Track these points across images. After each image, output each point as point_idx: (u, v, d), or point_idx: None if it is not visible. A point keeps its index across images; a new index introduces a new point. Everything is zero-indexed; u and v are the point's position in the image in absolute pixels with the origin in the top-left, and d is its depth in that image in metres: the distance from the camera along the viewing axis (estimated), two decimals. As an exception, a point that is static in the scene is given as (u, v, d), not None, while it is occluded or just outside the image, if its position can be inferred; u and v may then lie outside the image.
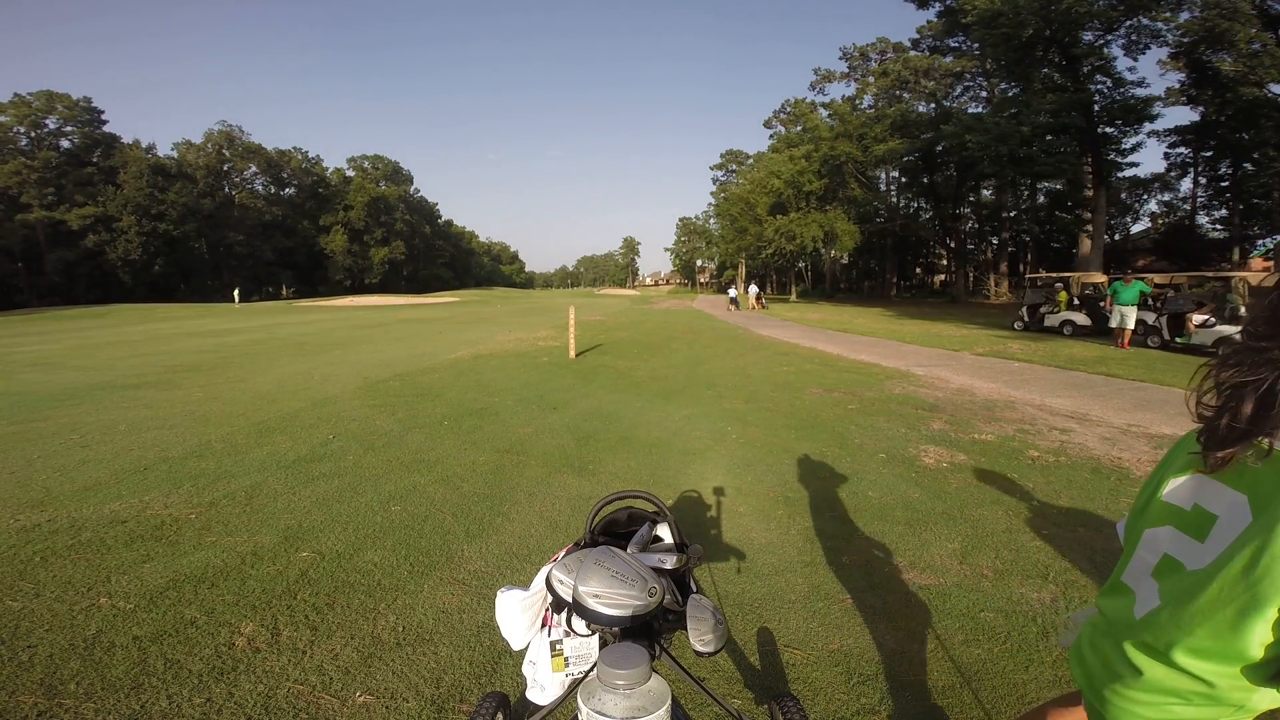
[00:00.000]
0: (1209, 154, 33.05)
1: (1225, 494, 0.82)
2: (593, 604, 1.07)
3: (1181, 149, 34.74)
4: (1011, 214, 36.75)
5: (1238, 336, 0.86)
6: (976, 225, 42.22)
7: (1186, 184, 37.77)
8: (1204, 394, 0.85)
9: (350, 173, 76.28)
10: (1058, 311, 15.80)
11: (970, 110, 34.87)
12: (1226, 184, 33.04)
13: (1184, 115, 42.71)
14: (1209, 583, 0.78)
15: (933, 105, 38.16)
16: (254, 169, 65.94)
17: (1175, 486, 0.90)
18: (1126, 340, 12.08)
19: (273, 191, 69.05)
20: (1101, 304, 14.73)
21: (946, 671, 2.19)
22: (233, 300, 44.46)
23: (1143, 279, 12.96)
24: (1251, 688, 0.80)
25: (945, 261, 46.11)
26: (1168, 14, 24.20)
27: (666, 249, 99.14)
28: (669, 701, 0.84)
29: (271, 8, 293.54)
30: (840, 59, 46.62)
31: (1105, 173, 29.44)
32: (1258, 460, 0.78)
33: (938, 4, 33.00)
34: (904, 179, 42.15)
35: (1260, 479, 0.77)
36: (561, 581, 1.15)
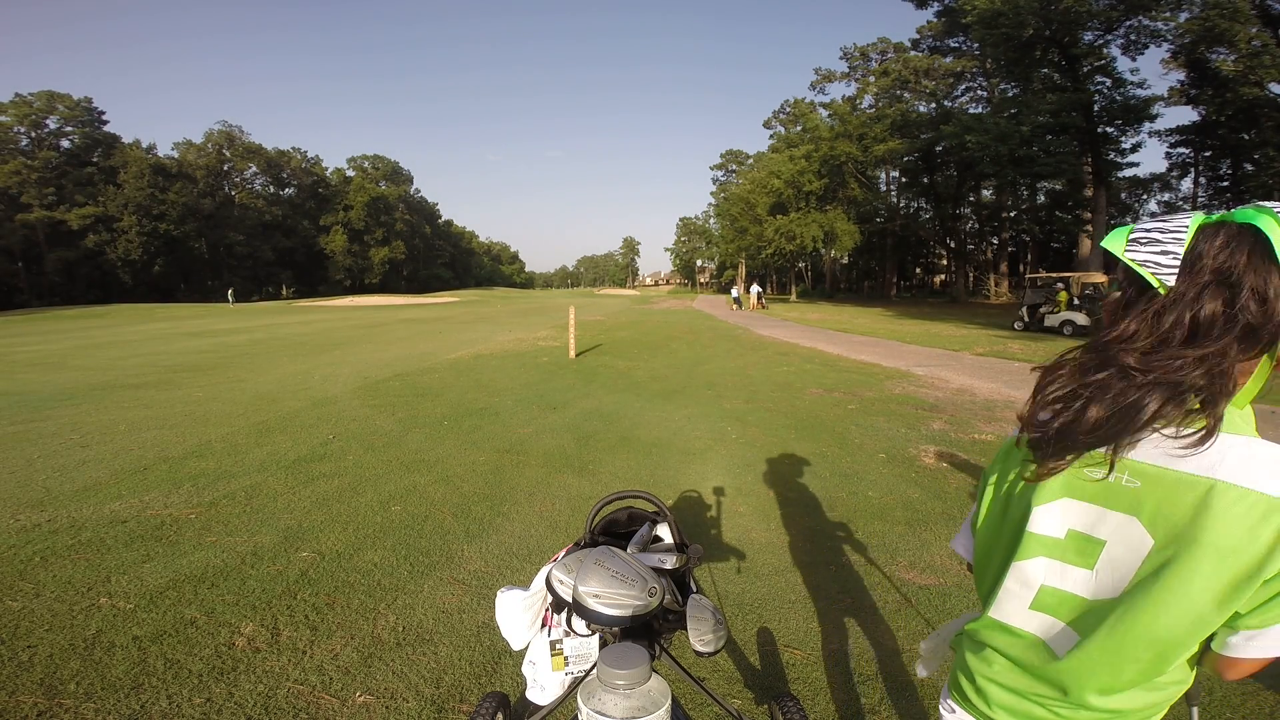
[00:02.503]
0: (1209, 154, 33.06)
1: (1107, 517, 0.79)
2: (593, 604, 1.07)
3: (1182, 149, 34.75)
4: (1011, 214, 36.76)
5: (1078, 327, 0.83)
6: (976, 225, 42.24)
7: (1187, 184, 37.81)
8: (1051, 396, 0.80)
9: (350, 173, 76.27)
10: (1058, 311, 15.80)
11: (970, 110, 34.89)
12: (1226, 184, 33.05)
13: (1184, 115, 42.77)
14: (1141, 609, 0.76)
15: (933, 105, 38.18)
16: (254, 169, 65.93)
17: (1039, 515, 0.84)
18: None
19: (273, 191, 69.04)
20: (1101, 304, 14.72)
21: (946, 672, 2.19)
22: (227, 301, 44.47)
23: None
24: (1158, 701, 0.82)
25: (945, 261, 46.14)
26: (1167, 14, 24.21)
27: (666, 249, 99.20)
28: (669, 701, 0.84)
29: (272, 8, 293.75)
30: (840, 59, 46.66)
31: (1105, 173, 29.45)
32: (1096, 472, 0.77)
33: (938, 4, 33.02)
34: (904, 179, 42.16)
35: (1141, 498, 0.76)
36: (561, 581, 1.16)
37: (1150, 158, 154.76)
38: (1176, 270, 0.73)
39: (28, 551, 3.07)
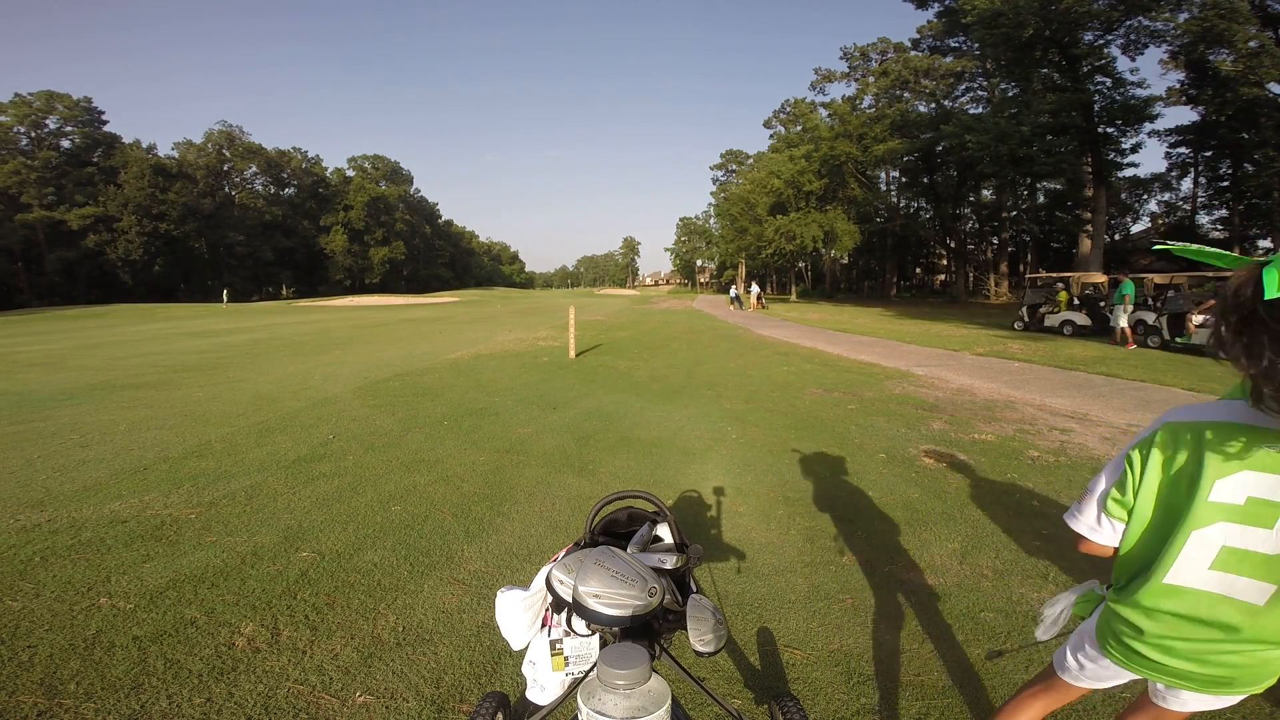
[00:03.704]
0: (1209, 154, 33.05)
1: None
2: (593, 604, 1.07)
3: (1182, 149, 34.74)
4: (1011, 214, 36.72)
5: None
6: (976, 225, 42.22)
7: (1186, 184, 37.81)
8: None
9: (350, 173, 76.27)
10: (1058, 311, 15.80)
11: (970, 110, 34.87)
12: (1226, 184, 33.05)
13: (1184, 115, 42.76)
14: None
15: (933, 105, 38.17)
16: (254, 169, 65.93)
17: (1220, 487, 0.99)
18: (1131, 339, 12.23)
19: (273, 191, 69.03)
20: (1101, 304, 14.78)
21: (946, 671, 2.19)
22: (221, 301, 44.47)
23: (1134, 279, 13.11)
24: None
25: (945, 261, 46.11)
26: (1167, 14, 24.19)
27: (666, 249, 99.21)
28: (669, 701, 0.84)
29: (273, 9, 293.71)
30: (840, 59, 46.63)
31: (1105, 173, 29.43)
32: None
33: (937, 4, 33.01)
34: (904, 179, 42.13)
35: None
36: (561, 581, 1.16)
37: (1150, 158, 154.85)
38: None
39: (28, 551, 3.07)
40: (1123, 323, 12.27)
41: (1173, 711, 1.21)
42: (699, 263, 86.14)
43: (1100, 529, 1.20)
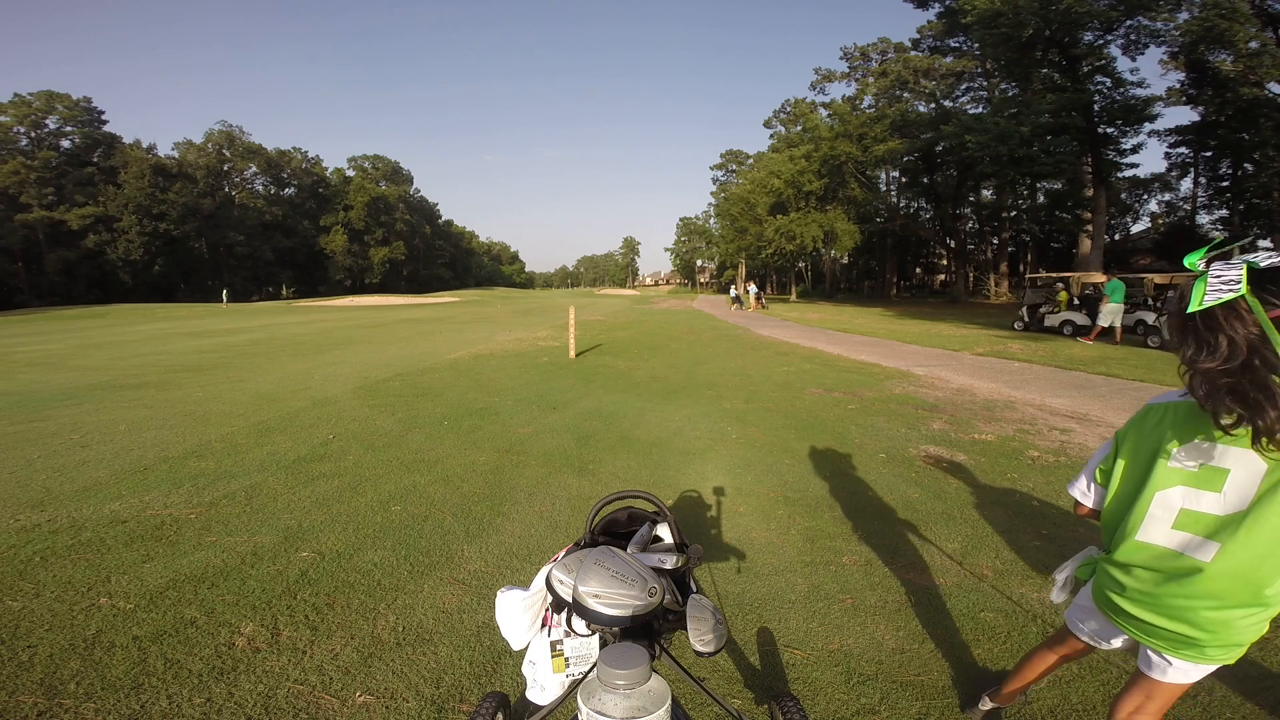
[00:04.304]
0: (1209, 154, 33.04)
1: (1230, 451, 1.12)
2: (593, 604, 1.07)
3: (1182, 149, 34.74)
4: (1011, 214, 36.71)
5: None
6: (976, 225, 42.21)
7: (1186, 184, 37.81)
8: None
9: (350, 173, 76.27)
10: (1058, 311, 15.79)
11: (970, 110, 34.85)
12: (1226, 184, 33.05)
13: (1184, 115, 42.74)
14: (1267, 518, 1.08)
15: (933, 105, 38.16)
16: (254, 169, 65.91)
17: (1179, 454, 1.19)
18: (1119, 336, 12.56)
19: (273, 191, 69.03)
20: (1100, 304, 14.80)
21: (946, 671, 2.19)
22: (221, 301, 44.50)
23: (1133, 279, 13.23)
24: None
25: (945, 261, 46.12)
26: (1167, 14, 24.19)
27: (666, 249, 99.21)
28: (669, 701, 0.84)
29: (273, 9, 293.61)
30: (841, 59, 46.62)
31: (1105, 173, 29.44)
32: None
33: (938, 4, 32.99)
34: (904, 179, 42.12)
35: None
36: (561, 581, 1.15)
37: (1150, 158, 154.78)
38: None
39: (28, 551, 3.07)
40: (1101, 321, 12.49)
41: (1158, 681, 1.32)
42: (699, 263, 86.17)
43: (1089, 494, 1.43)
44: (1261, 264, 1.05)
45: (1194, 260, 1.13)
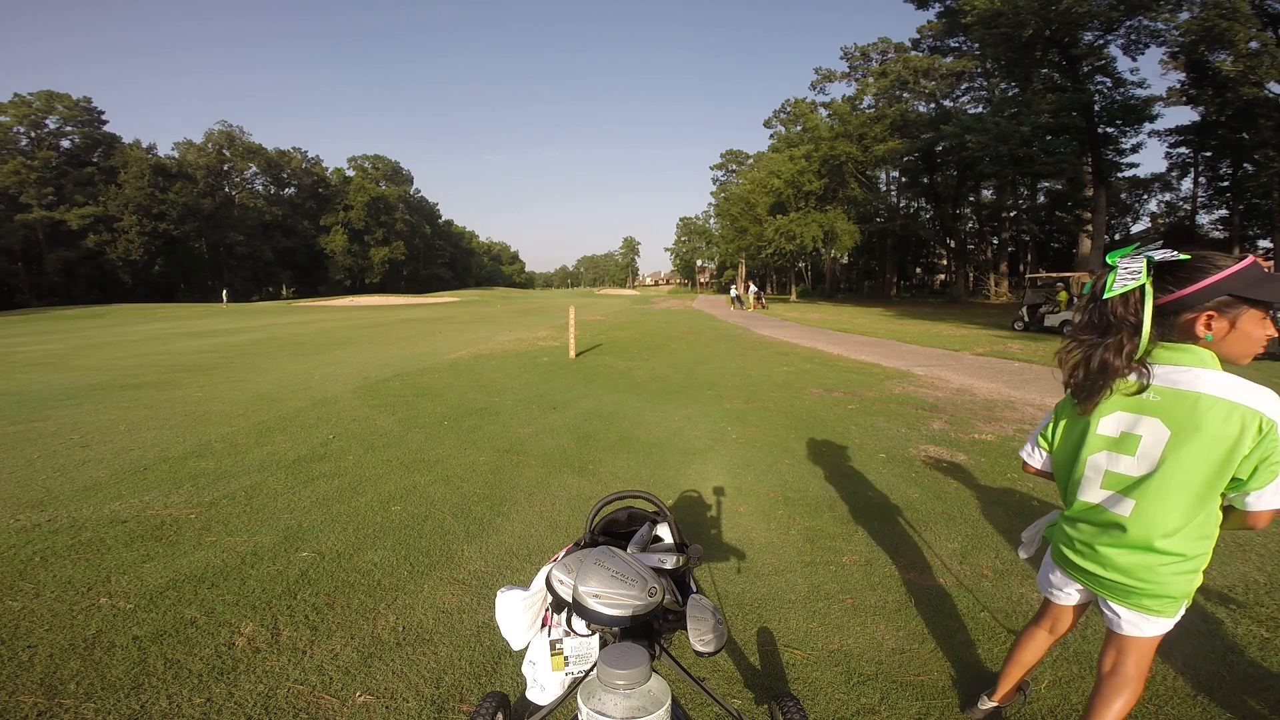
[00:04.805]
0: (1209, 154, 33.05)
1: (1142, 421, 1.33)
2: (593, 604, 1.07)
3: (1182, 149, 34.74)
4: (1011, 214, 36.74)
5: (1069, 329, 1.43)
6: (976, 225, 42.22)
7: (1186, 184, 37.82)
8: (1067, 368, 1.41)
9: (350, 173, 76.24)
10: (1058, 311, 15.81)
11: (970, 110, 34.86)
12: (1226, 184, 33.05)
13: (1184, 115, 42.75)
14: (1169, 477, 1.29)
15: (933, 105, 38.16)
16: (254, 169, 65.91)
17: (1103, 425, 1.39)
18: None
19: (273, 191, 69.01)
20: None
21: (946, 671, 2.20)
22: (221, 301, 44.51)
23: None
24: (1205, 549, 1.34)
25: (945, 261, 46.12)
26: (1167, 14, 24.19)
27: (666, 249, 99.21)
28: (669, 701, 0.84)
29: (273, 9, 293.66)
30: (841, 59, 46.59)
31: (1105, 173, 29.45)
32: (1140, 393, 1.32)
33: (938, 4, 32.98)
34: (904, 179, 42.12)
35: (1164, 407, 1.29)
36: (561, 581, 1.16)
37: (1150, 158, 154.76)
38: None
39: (28, 551, 3.07)
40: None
41: (1120, 635, 1.48)
42: (699, 263, 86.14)
43: (1033, 455, 1.66)
44: (1156, 258, 1.28)
45: (1114, 257, 1.34)
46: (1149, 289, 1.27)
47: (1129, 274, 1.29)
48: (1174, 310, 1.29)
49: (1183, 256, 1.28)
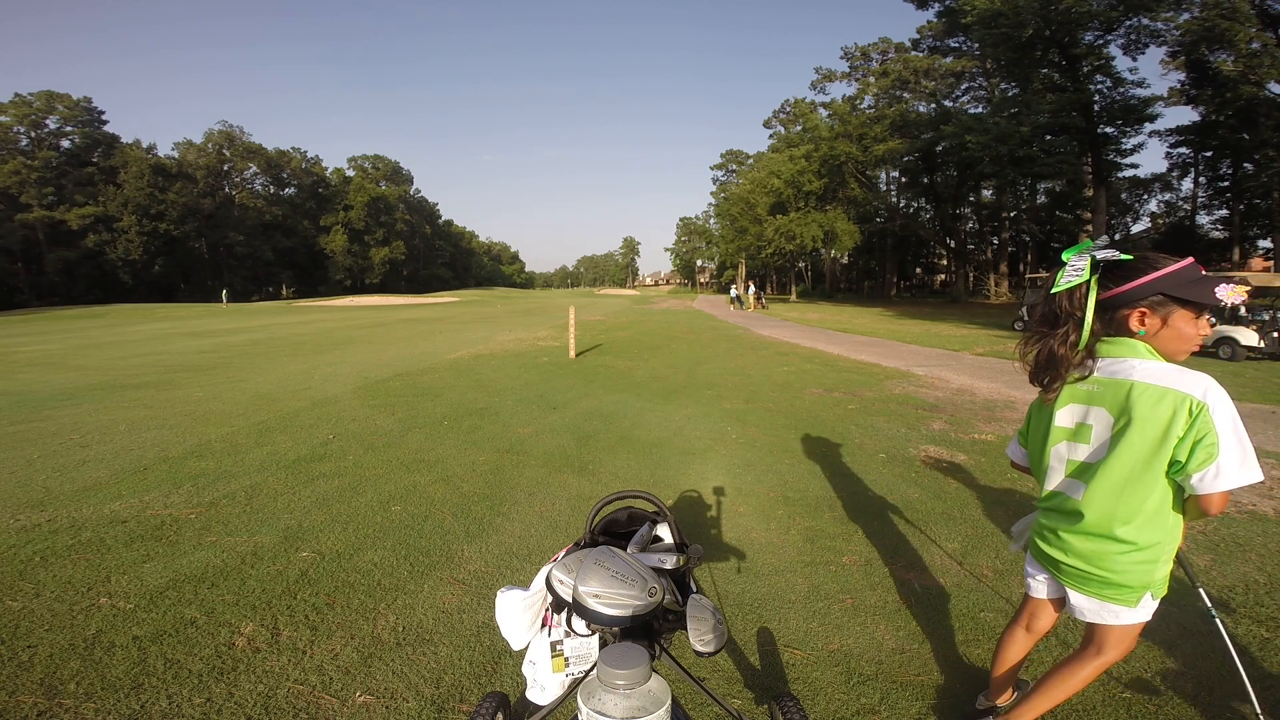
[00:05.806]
0: (1209, 154, 33.05)
1: (1091, 411, 1.42)
2: (593, 604, 1.07)
3: (1182, 149, 34.75)
4: (1011, 214, 36.74)
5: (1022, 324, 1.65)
6: (976, 225, 42.24)
7: (1187, 184, 37.83)
8: (1025, 359, 1.51)
9: (350, 173, 76.23)
10: (1057, 311, 15.85)
11: (970, 110, 34.86)
12: (1226, 184, 33.05)
13: (1184, 115, 42.76)
14: (1112, 462, 1.37)
15: (933, 105, 38.16)
16: (254, 169, 65.89)
17: (1061, 416, 1.49)
18: None
19: (273, 191, 68.99)
20: None
21: (946, 671, 2.19)
22: (220, 301, 44.52)
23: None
24: (1159, 539, 1.39)
25: (945, 261, 46.14)
26: (1168, 14, 24.20)
27: (666, 249, 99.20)
28: (669, 701, 0.84)
29: (273, 9, 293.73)
30: (841, 59, 46.63)
31: (1105, 173, 29.47)
32: (1083, 384, 1.42)
33: (938, 4, 33.01)
34: (904, 179, 42.15)
35: (1106, 396, 1.38)
36: (561, 581, 1.16)
37: (1150, 158, 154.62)
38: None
39: (28, 551, 3.07)
40: None
41: (1089, 624, 1.54)
42: (699, 263, 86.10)
43: (1016, 451, 1.77)
44: (1099, 256, 1.37)
45: (1068, 255, 1.43)
46: (1093, 285, 1.38)
47: (1074, 271, 1.40)
48: (1113, 306, 1.39)
49: (1124, 256, 1.38)
